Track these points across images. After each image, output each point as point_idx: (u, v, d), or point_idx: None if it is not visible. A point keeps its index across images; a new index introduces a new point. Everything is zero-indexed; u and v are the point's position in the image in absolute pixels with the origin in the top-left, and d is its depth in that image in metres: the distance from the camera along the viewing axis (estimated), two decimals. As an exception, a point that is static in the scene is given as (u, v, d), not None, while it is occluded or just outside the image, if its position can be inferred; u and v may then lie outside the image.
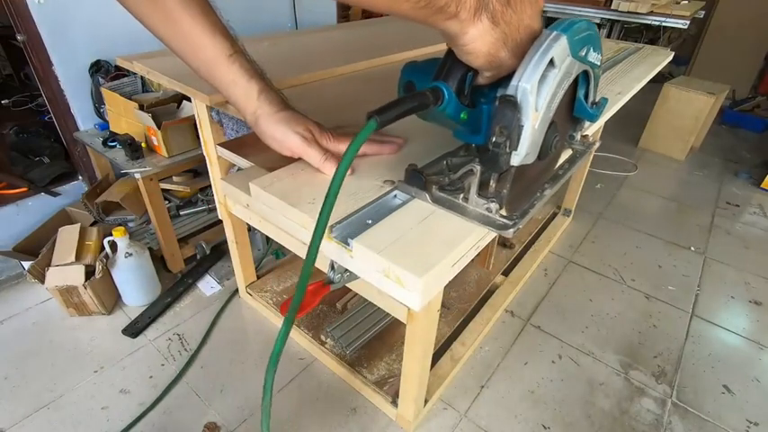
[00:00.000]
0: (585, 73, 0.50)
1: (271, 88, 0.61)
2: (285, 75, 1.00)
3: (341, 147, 0.63)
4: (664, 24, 2.61)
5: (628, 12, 2.63)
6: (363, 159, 0.65)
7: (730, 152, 2.64)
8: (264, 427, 0.46)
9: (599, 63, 0.51)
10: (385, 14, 0.43)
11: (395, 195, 0.57)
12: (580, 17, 0.50)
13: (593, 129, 0.82)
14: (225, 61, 0.57)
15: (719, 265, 1.68)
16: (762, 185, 2.24)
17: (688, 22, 2.54)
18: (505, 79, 0.44)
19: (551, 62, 0.42)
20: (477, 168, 0.49)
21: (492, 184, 0.50)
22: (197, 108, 0.99)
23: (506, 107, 0.42)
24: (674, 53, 1.42)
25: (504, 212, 0.51)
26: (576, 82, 0.49)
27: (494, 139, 0.43)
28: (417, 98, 0.43)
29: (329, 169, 0.59)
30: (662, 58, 1.32)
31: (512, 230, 0.50)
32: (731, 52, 3.38)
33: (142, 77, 1.47)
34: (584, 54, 0.46)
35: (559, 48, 0.42)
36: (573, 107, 0.54)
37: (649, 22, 2.64)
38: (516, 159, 0.45)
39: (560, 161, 0.65)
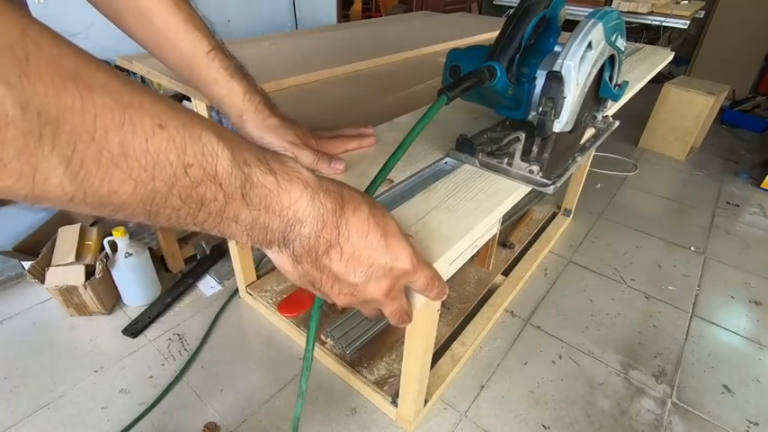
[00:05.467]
0: (611, 57, 0.57)
1: (255, 90, 0.59)
2: (285, 75, 1.00)
3: (327, 147, 0.63)
4: (664, 24, 2.61)
5: (628, 12, 2.63)
6: (359, 158, 0.65)
7: (730, 152, 2.64)
8: (304, 380, 0.49)
9: (623, 49, 0.58)
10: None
11: (446, 162, 0.65)
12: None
13: (611, 111, 0.87)
14: (203, 59, 0.54)
15: (719, 265, 1.68)
16: (762, 185, 2.24)
17: (688, 22, 2.55)
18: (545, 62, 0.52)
19: (589, 45, 0.50)
20: (522, 136, 0.58)
21: (534, 149, 0.58)
22: (197, 108, 0.99)
23: (553, 81, 0.50)
24: (674, 53, 1.42)
25: (542, 175, 0.59)
26: (602, 66, 0.57)
27: (541, 108, 0.52)
28: (477, 75, 0.51)
29: (323, 168, 0.60)
30: (662, 58, 1.32)
31: (551, 188, 0.58)
32: (731, 52, 3.39)
33: (142, 77, 1.46)
34: (614, 39, 0.54)
35: (596, 33, 0.50)
36: (598, 89, 0.61)
37: (649, 22, 2.65)
38: (558, 126, 0.53)
39: (585, 137, 0.75)
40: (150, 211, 0.24)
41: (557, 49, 0.54)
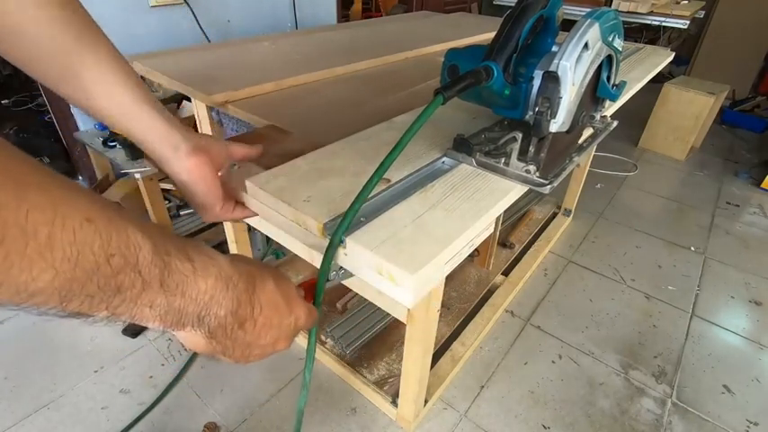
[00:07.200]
0: (609, 57, 0.57)
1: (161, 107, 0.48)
2: (285, 75, 1.00)
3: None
4: (664, 24, 2.61)
5: (628, 12, 2.63)
6: (356, 156, 0.65)
7: (730, 152, 2.64)
8: (307, 371, 0.49)
9: (621, 49, 0.58)
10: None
11: (443, 162, 0.65)
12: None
13: (610, 111, 0.88)
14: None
15: (719, 265, 1.68)
16: (762, 185, 2.24)
17: (688, 22, 2.55)
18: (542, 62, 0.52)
19: (586, 45, 0.50)
20: (519, 136, 0.58)
21: (531, 149, 0.58)
22: (197, 108, 0.99)
23: (549, 81, 0.50)
24: (674, 53, 1.42)
25: (539, 174, 0.59)
26: (599, 66, 0.56)
27: (537, 108, 0.52)
28: (474, 75, 0.51)
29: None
30: (662, 58, 1.32)
31: (548, 187, 0.58)
32: (731, 52, 3.38)
33: (142, 77, 1.47)
34: (611, 39, 0.54)
35: (593, 33, 0.50)
36: (596, 89, 0.61)
37: (649, 21, 2.65)
38: (554, 126, 0.53)
39: (583, 137, 0.75)
40: (64, 298, 0.24)
41: (554, 49, 0.54)
